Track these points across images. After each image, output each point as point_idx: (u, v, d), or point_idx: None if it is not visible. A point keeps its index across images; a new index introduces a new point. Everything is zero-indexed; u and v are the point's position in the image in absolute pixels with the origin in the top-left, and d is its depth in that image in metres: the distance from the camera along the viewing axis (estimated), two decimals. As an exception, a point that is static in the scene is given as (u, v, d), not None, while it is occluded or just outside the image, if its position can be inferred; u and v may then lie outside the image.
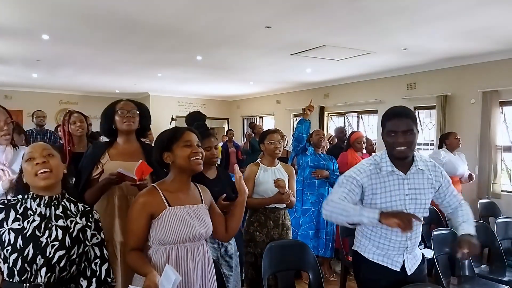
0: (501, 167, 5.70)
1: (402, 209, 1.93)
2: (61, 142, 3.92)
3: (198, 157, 1.76)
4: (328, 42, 5.27)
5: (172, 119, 11.22)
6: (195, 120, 3.72)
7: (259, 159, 3.13)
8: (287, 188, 2.80)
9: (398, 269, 2.01)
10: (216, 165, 2.73)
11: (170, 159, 1.76)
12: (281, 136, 4.97)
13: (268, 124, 11.22)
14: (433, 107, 6.49)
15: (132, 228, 1.72)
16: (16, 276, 1.45)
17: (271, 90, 10.45)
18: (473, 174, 4.91)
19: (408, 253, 2.02)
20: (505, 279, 3.12)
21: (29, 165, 1.54)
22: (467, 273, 3.03)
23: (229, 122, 12.78)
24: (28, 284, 1.45)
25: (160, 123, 9.97)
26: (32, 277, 1.46)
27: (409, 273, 2.01)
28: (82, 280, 1.57)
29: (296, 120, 10.21)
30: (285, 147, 5.96)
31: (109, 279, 1.61)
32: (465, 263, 3.06)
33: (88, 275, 1.58)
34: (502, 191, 5.62)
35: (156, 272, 1.56)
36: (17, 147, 2.34)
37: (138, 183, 2.04)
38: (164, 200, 1.73)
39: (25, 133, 4.38)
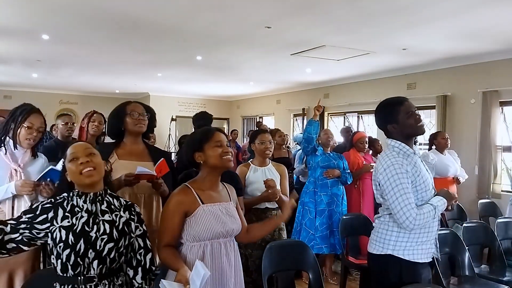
0: (501, 167, 5.70)
1: (431, 186, 2.03)
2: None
3: (228, 155, 1.86)
4: (328, 42, 5.27)
5: (172, 119, 11.22)
6: (202, 120, 3.73)
7: (250, 159, 3.11)
8: (278, 187, 2.75)
9: (431, 258, 2.05)
10: None
11: (201, 159, 1.85)
12: (282, 136, 5.01)
13: (268, 124, 11.21)
14: (433, 107, 6.49)
15: (166, 225, 1.79)
16: (70, 270, 1.53)
17: (271, 90, 10.45)
18: (460, 178, 4.71)
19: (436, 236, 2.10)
20: (505, 279, 3.11)
21: (74, 164, 1.60)
22: (467, 273, 3.03)
23: (229, 122, 12.78)
24: (82, 277, 1.54)
25: (160, 123, 9.96)
26: (85, 270, 1.54)
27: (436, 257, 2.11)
28: (128, 270, 1.67)
29: (296, 120, 10.22)
30: (288, 147, 5.96)
31: (153, 267, 1.70)
32: (465, 263, 3.06)
33: (134, 264, 1.67)
34: (502, 191, 5.62)
35: (187, 267, 1.63)
36: (37, 156, 2.39)
37: (154, 180, 2.14)
38: (198, 198, 1.82)
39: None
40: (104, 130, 3.47)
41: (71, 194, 1.63)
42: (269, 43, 5.41)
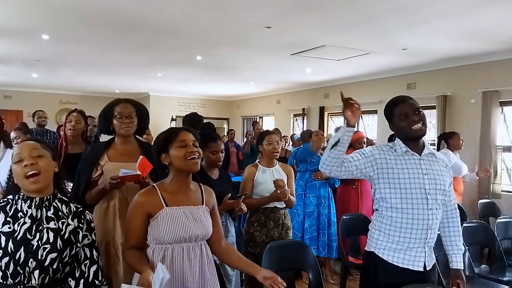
0: (501, 167, 5.70)
1: (422, 189, 1.93)
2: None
3: (194, 156, 1.76)
4: (328, 42, 5.27)
5: (172, 119, 11.22)
6: (192, 121, 3.74)
7: (258, 159, 3.13)
8: (286, 188, 2.80)
9: (421, 268, 1.96)
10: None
11: (167, 160, 1.78)
12: (281, 136, 5.03)
13: (268, 124, 11.22)
14: (433, 107, 6.49)
15: (130, 226, 1.75)
16: (10, 279, 1.43)
17: (271, 90, 10.45)
18: (467, 179, 4.91)
19: (428, 247, 1.99)
20: (505, 279, 3.11)
21: (18, 166, 1.50)
22: (467, 273, 3.02)
23: (229, 122, 12.78)
24: (22, 286, 1.44)
25: (160, 123, 9.97)
26: (26, 279, 1.44)
27: (427, 268, 1.99)
28: (70, 280, 1.54)
29: (296, 120, 10.19)
30: (284, 147, 5.99)
31: (96, 281, 1.57)
32: (465, 263, 3.05)
33: (77, 276, 1.55)
34: (502, 191, 5.62)
35: (151, 270, 1.57)
36: (11, 147, 2.33)
37: (141, 181, 2.05)
38: (162, 200, 1.75)
39: (31, 133, 4.36)
40: (85, 129, 3.39)
41: (16, 197, 1.53)
42: (269, 43, 5.41)
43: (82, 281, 1.55)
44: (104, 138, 2.50)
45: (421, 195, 1.93)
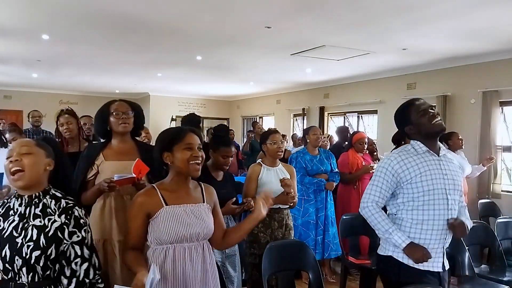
0: (501, 167, 5.70)
1: (443, 190, 1.95)
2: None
3: (197, 161, 1.73)
4: (328, 42, 5.27)
5: (172, 119, 11.22)
6: (190, 122, 3.74)
7: (259, 159, 3.12)
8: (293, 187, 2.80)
9: (440, 269, 2.00)
10: None
11: (169, 160, 1.74)
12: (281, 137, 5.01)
13: (268, 124, 11.21)
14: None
15: (130, 227, 1.73)
16: (3, 275, 1.46)
17: (271, 90, 10.45)
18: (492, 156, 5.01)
19: (445, 248, 2.03)
20: (505, 279, 3.11)
21: (7, 162, 1.51)
22: (467, 273, 3.03)
23: (229, 122, 12.78)
24: (13, 283, 1.45)
25: (160, 123, 9.98)
26: (16, 276, 1.45)
27: (446, 268, 2.03)
28: (63, 278, 1.52)
29: (296, 120, 10.20)
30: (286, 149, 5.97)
31: (87, 280, 1.54)
32: (465, 263, 3.06)
33: (68, 274, 1.52)
34: (502, 191, 5.62)
35: (146, 271, 1.54)
36: (7, 147, 2.32)
37: (136, 182, 2.05)
38: (162, 199, 1.73)
39: (24, 134, 4.39)
40: (80, 126, 3.38)
41: (11, 196, 1.55)
42: (269, 43, 5.41)
43: (74, 279, 1.52)
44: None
45: (442, 195, 1.96)
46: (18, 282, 1.45)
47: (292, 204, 2.93)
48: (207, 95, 12.03)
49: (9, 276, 1.45)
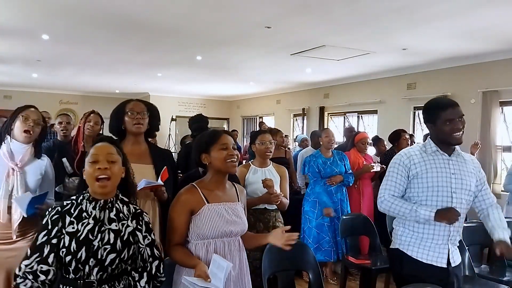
0: (501, 167, 5.70)
1: (448, 188, 2.01)
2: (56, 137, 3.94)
3: (233, 159, 1.87)
4: (328, 42, 5.27)
5: (172, 119, 11.21)
6: (198, 122, 3.73)
7: (251, 160, 3.10)
8: (277, 189, 2.73)
9: (444, 265, 2.03)
10: None
11: (207, 160, 1.88)
12: (282, 137, 4.99)
13: (268, 124, 11.19)
14: (433, 107, 6.48)
15: (174, 224, 1.83)
16: (71, 274, 1.52)
17: (271, 90, 10.45)
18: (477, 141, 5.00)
19: (452, 244, 2.06)
20: (505, 279, 3.11)
21: (92, 167, 1.56)
22: (467, 273, 3.02)
23: (229, 122, 12.78)
24: (82, 281, 1.53)
25: (160, 123, 9.96)
26: (86, 275, 1.53)
27: (453, 265, 2.06)
28: (133, 273, 1.64)
29: (296, 120, 10.20)
30: (288, 148, 5.94)
31: (158, 274, 1.67)
32: (465, 263, 3.05)
33: (140, 270, 1.65)
34: (502, 191, 5.61)
35: (203, 263, 1.69)
36: (40, 157, 2.33)
37: (158, 189, 2.14)
38: (203, 197, 1.85)
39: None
40: (101, 131, 3.42)
41: (81, 197, 1.60)
42: (269, 43, 5.41)
43: (145, 273, 1.64)
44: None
45: (447, 193, 2.02)
46: (87, 280, 1.53)
47: (279, 205, 2.84)
48: (207, 95, 12.03)
49: (78, 275, 1.53)
